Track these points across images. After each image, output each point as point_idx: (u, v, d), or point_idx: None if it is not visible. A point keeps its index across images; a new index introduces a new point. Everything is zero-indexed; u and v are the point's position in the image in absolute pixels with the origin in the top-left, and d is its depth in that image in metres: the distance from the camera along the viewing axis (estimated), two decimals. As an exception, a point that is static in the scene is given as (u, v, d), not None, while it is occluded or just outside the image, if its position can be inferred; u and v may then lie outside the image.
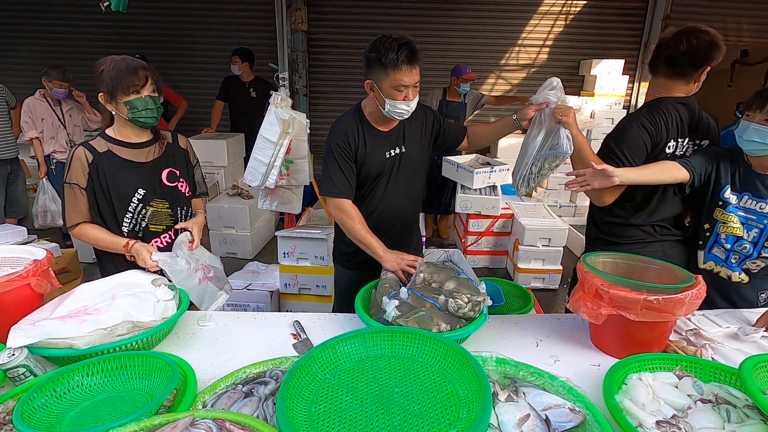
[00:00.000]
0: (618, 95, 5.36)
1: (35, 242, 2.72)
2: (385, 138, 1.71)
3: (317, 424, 0.90)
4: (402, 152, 1.74)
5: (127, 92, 1.49)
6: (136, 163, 1.59)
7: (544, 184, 5.54)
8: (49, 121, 3.83)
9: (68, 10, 5.71)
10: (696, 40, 1.56)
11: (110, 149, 1.57)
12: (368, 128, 1.69)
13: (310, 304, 3.01)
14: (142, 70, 1.50)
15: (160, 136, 1.69)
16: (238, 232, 4.20)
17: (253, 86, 4.78)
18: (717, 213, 1.62)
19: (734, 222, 1.59)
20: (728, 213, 1.59)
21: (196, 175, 1.82)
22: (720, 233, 1.63)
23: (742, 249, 1.59)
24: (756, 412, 0.94)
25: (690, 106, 1.67)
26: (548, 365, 1.23)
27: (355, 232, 1.66)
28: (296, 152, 2.72)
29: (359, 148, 1.68)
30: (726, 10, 5.75)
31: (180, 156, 1.72)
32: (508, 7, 5.71)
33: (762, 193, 1.54)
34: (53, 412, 0.99)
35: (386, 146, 1.72)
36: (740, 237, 1.59)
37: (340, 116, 1.74)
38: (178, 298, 1.40)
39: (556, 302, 3.63)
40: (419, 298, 1.35)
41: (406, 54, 1.47)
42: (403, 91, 1.54)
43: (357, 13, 5.74)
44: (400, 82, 1.51)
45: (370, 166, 1.70)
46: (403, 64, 1.48)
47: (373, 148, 1.69)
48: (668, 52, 1.62)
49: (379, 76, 1.53)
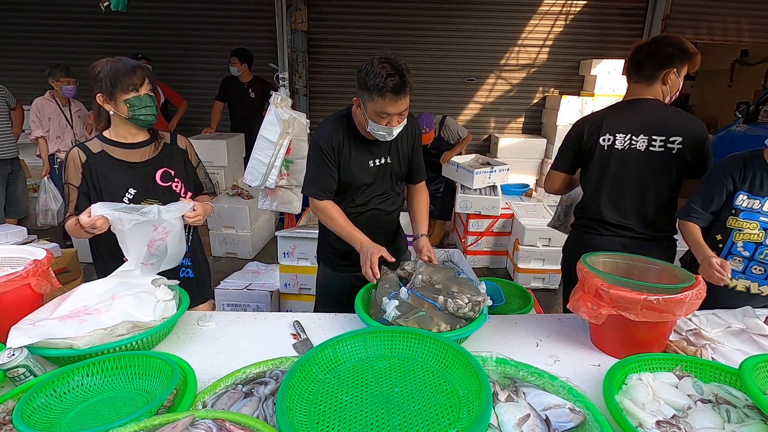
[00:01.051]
0: (618, 95, 5.35)
1: (35, 242, 2.72)
2: (371, 147, 1.69)
3: (317, 424, 0.90)
4: (387, 162, 1.73)
5: (127, 91, 1.50)
6: (129, 163, 1.60)
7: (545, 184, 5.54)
8: (56, 121, 3.89)
9: (68, 11, 5.71)
10: (660, 44, 1.66)
11: (104, 149, 1.59)
12: (355, 135, 1.67)
13: (310, 304, 2.99)
14: (139, 69, 1.52)
15: (158, 137, 1.69)
16: (238, 232, 4.20)
17: (251, 86, 4.78)
18: (730, 221, 1.57)
19: (752, 228, 1.53)
20: (742, 219, 1.55)
21: (199, 176, 1.81)
22: (736, 241, 1.57)
23: (765, 257, 1.54)
24: (756, 412, 0.94)
25: (644, 105, 1.72)
26: (548, 365, 1.23)
27: (336, 228, 1.67)
28: (296, 152, 2.72)
29: (342, 154, 1.66)
30: (726, 10, 5.75)
31: (177, 156, 1.71)
32: (508, 7, 5.71)
33: None
34: (53, 412, 0.99)
35: (371, 155, 1.70)
36: (761, 243, 1.53)
37: (329, 117, 1.72)
38: (178, 298, 1.40)
39: (556, 302, 3.63)
40: (419, 298, 1.35)
41: (393, 85, 1.43)
42: (385, 118, 1.52)
43: (357, 13, 5.74)
44: (384, 110, 1.49)
45: (352, 173, 1.69)
46: (389, 93, 1.44)
47: (356, 156, 1.68)
48: (636, 57, 1.73)
49: (365, 98, 1.51)
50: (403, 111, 1.53)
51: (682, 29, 5.85)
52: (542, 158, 5.56)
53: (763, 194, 1.52)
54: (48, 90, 3.89)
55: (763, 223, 1.53)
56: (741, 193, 1.55)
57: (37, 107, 3.84)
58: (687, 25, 5.84)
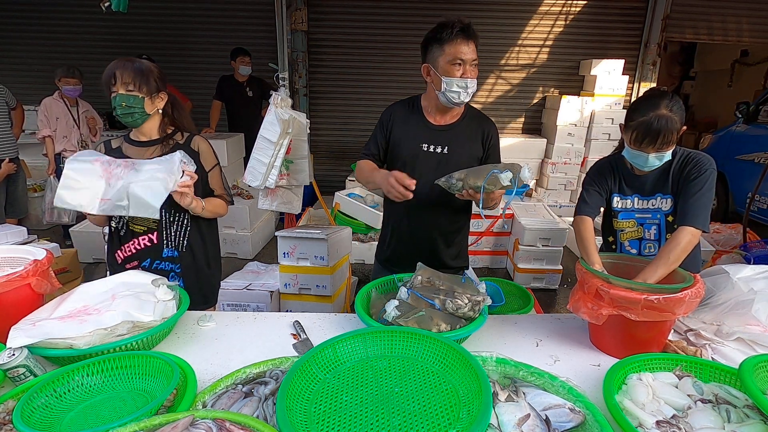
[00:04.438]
0: (618, 95, 5.37)
1: (35, 242, 2.72)
2: (430, 130, 1.68)
3: (317, 424, 0.90)
4: (443, 152, 1.67)
5: (108, 90, 1.55)
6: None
7: (545, 184, 5.55)
8: (63, 121, 3.99)
9: (69, 11, 5.72)
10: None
11: (121, 146, 1.64)
12: (416, 115, 1.70)
13: (310, 304, 3.00)
14: (117, 69, 1.52)
15: (171, 136, 1.67)
16: (238, 232, 4.20)
17: (249, 85, 4.79)
18: (615, 223, 1.66)
19: (630, 226, 1.63)
20: (621, 220, 1.63)
21: (213, 180, 1.74)
22: (623, 241, 1.66)
23: (649, 251, 1.62)
24: (756, 412, 0.94)
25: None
26: (548, 365, 1.23)
27: (364, 176, 1.72)
28: (296, 152, 2.72)
29: (394, 129, 1.70)
30: (726, 10, 5.75)
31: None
32: (508, 7, 5.71)
33: (647, 190, 1.59)
34: (53, 412, 0.99)
35: (426, 139, 1.67)
36: (641, 238, 1.62)
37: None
38: (178, 298, 1.40)
39: (556, 302, 3.63)
40: (419, 298, 1.35)
41: (461, 28, 1.50)
42: (460, 66, 1.53)
43: (357, 13, 5.74)
44: (457, 54, 1.51)
45: (401, 149, 1.70)
46: (459, 37, 1.50)
47: (408, 135, 1.68)
48: None
49: (435, 55, 1.55)
50: (474, 59, 1.55)
51: (682, 29, 5.86)
52: (542, 158, 5.57)
53: (630, 193, 1.62)
54: (56, 90, 3.99)
55: (638, 219, 1.62)
56: (615, 196, 1.63)
57: (46, 107, 3.93)
58: (687, 25, 5.85)
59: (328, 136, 6.28)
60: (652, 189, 1.58)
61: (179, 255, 1.70)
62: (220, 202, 1.74)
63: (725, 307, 1.34)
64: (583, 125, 5.36)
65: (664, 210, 1.58)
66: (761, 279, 1.37)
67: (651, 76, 5.96)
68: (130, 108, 1.55)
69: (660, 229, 1.60)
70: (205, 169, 1.71)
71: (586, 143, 5.46)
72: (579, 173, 5.46)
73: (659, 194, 1.58)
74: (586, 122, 5.36)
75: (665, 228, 1.59)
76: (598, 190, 1.62)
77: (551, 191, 5.50)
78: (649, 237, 1.62)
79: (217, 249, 1.89)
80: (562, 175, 5.45)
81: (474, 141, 1.70)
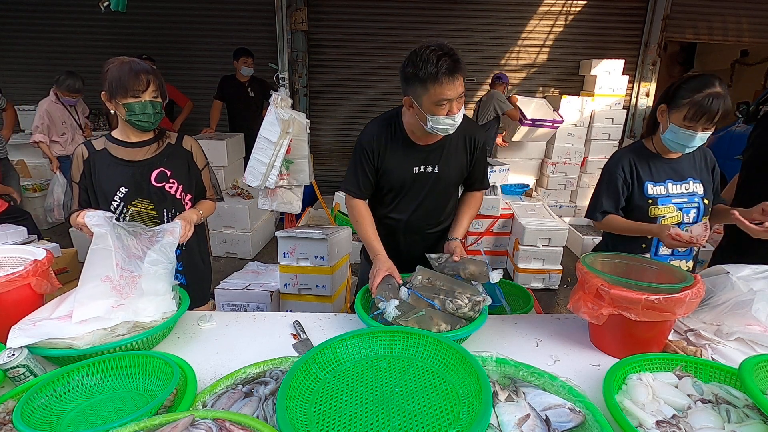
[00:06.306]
0: (618, 95, 5.37)
1: (35, 242, 2.72)
2: (419, 152, 1.60)
3: (317, 424, 0.90)
4: (434, 172, 1.63)
5: (126, 95, 1.49)
6: (126, 162, 1.60)
7: (545, 184, 5.55)
8: (68, 124, 3.99)
9: (68, 11, 5.71)
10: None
11: (107, 147, 1.61)
12: (401, 138, 1.59)
13: (310, 304, 3.00)
14: (144, 74, 1.49)
15: (163, 136, 1.67)
16: (238, 232, 4.20)
17: (251, 85, 4.79)
18: (652, 211, 1.62)
19: (671, 211, 1.62)
20: (661, 206, 1.62)
21: (204, 179, 1.76)
22: None
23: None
24: (756, 412, 0.94)
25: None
26: (548, 365, 1.23)
27: (360, 230, 1.65)
28: (296, 152, 2.72)
29: (384, 157, 1.60)
30: (726, 10, 5.75)
31: (179, 157, 1.69)
32: (508, 7, 5.71)
33: (680, 174, 1.62)
34: (53, 412, 0.99)
35: (416, 161, 1.61)
36: (680, 223, 1.62)
37: (378, 116, 1.66)
38: (178, 297, 1.40)
39: (556, 302, 3.63)
40: (419, 298, 1.35)
41: (447, 65, 1.34)
42: (445, 105, 1.41)
43: (357, 13, 5.74)
44: (442, 96, 1.38)
45: (393, 178, 1.63)
46: (444, 76, 1.35)
47: (399, 161, 1.60)
48: None
49: (418, 92, 1.40)
50: (461, 93, 1.41)
51: (682, 29, 5.86)
52: (542, 158, 5.57)
53: (662, 179, 1.63)
54: (52, 89, 3.91)
55: (677, 204, 1.62)
56: (648, 183, 1.62)
57: (47, 113, 3.84)
58: (687, 25, 5.85)
59: (328, 136, 6.28)
60: (683, 173, 1.62)
61: (180, 253, 1.71)
62: (210, 204, 1.79)
63: (725, 307, 1.34)
64: (583, 125, 5.36)
65: (700, 194, 1.63)
66: (761, 279, 1.37)
67: (651, 76, 5.96)
68: (157, 114, 1.55)
69: (698, 212, 1.62)
70: (198, 168, 1.74)
71: (586, 143, 5.47)
72: (579, 173, 5.47)
73: (690, 178, 1.63)
74: (586, 122, 5.37)
75: (704, 211, 1.63)
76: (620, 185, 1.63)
77: (551, 191, 5.50)
78: (688, 221, 1.62)
79: (206, 245, 1.93)
80: (562, 175, 5.45)
81: (461, 153, 1.66)
